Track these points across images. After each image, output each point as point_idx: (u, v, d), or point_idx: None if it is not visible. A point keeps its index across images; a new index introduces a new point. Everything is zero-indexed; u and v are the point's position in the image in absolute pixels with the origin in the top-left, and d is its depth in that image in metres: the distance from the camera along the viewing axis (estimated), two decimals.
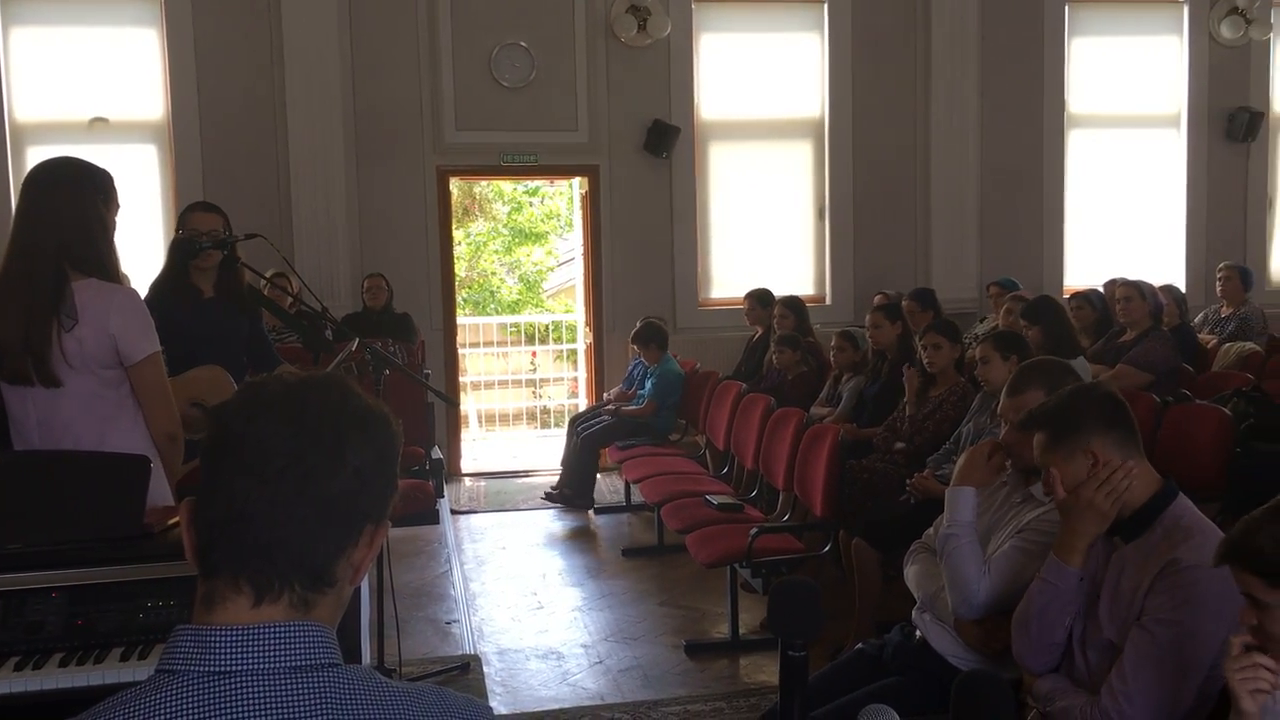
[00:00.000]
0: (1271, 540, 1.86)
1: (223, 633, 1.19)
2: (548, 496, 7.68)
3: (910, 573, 3.28)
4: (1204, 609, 2.31)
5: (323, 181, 8.18)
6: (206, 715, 1.16)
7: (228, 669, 1.18)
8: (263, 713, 1.17)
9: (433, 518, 5.63)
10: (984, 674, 1.84)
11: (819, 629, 1.75)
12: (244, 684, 1.18)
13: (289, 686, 1.18)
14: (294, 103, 8.13)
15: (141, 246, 7.29)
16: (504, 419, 11.28)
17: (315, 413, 1.25)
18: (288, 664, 1.19)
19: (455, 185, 9.19)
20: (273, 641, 1.19)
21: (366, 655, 3.25)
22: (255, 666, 1.18)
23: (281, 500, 1.22)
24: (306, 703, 1.18)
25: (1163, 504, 2.48)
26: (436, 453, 6.41)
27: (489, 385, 11.61)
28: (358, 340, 3.77)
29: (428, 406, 6.48)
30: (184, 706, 1.16)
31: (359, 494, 1.26)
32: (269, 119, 8.21)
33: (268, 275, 5.38)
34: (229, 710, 1.16)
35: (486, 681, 4.63)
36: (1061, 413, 2.55)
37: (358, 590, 2.56)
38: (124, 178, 3.28)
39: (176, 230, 4.01)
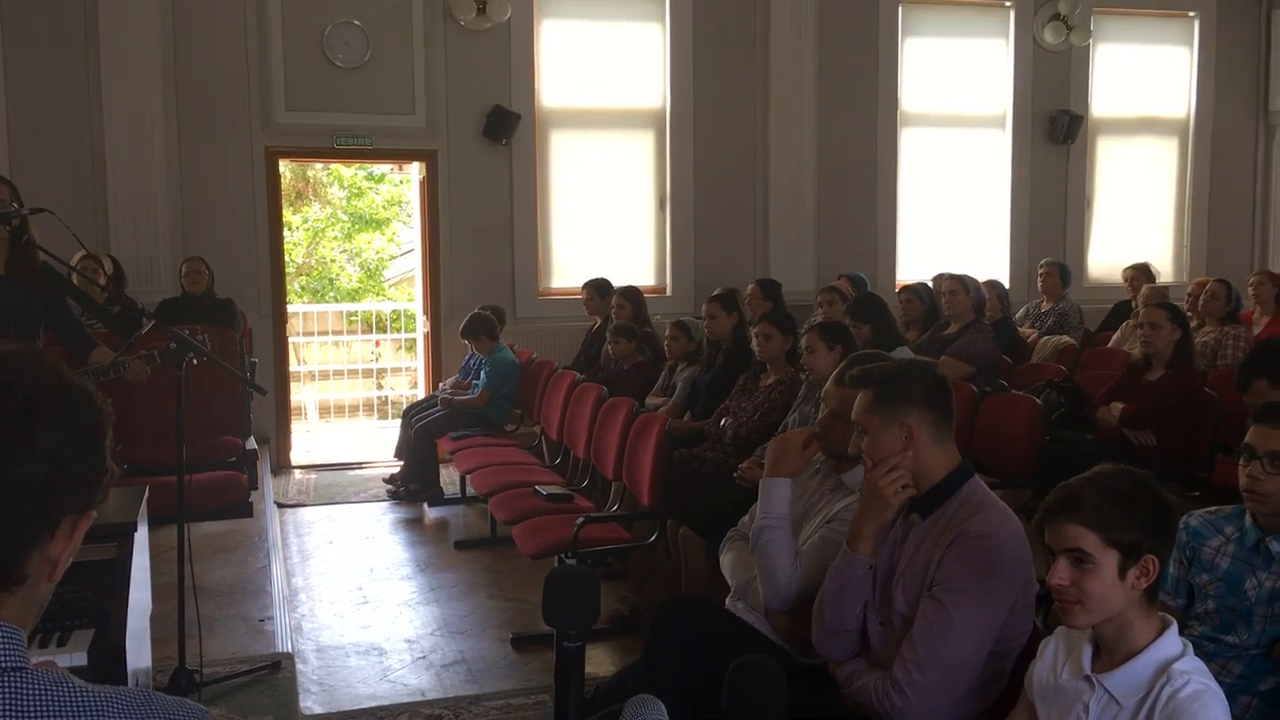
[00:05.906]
0: (1093, 492, 2.03)
1: None
2: (392, 495, 7.46)
3: (725, 560, 3.29)
4: (991, 576, 2.36)
5: (140, 158, 7.74)
6: None
7: None
8: None
9: (245, 510, 5.38)
10: (756, 660, 1.82)
11: (594, 618, 1.70)
12: None
13: None
14: (109, 70, 7.67)
15: None
16: (342, 410, 10.97)
17: (1, 389, 1.11)
18: None
19: (286, 167, 8.85)
20: None
21: (147, 658, 3.06)
22: None
23: None
24: None
25: (958, 482, 2.54)
26: (252, 443, 6.14)
27: (326, 375, 11.26)
28: (152, 323, 3.55)
29: (245, 396, 6.20)
30: None
31: (54, 481, 1.12)
32: (82, 88, 7.72)
33: (75, 261, 5.06)
34: None
35: (300, 679, 4.44)
36: (892, 380, 2.60)
37: (128, 586, 2.40)
38: None
39: None
